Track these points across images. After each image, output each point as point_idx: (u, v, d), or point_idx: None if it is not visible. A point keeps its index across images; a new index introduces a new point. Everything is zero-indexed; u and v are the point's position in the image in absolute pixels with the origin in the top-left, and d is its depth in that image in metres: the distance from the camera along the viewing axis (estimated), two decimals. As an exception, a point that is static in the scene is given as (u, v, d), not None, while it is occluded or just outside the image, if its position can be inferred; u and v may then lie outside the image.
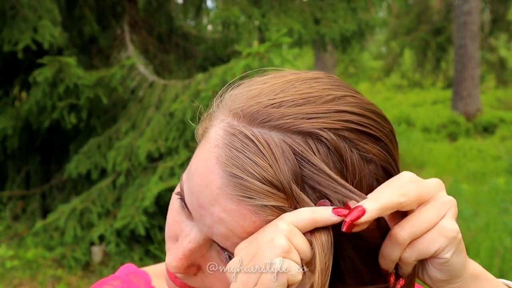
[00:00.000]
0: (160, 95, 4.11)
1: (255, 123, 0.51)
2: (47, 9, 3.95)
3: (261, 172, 0.49)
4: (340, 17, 5.14)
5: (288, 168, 0.49)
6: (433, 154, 8.03)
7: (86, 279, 3.90)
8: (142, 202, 3.68)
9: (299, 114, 0.51)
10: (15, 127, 4.34)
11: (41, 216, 4.61)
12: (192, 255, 0.55)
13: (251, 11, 4.72)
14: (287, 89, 0.54)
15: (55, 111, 4.01)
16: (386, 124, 0.57)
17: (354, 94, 0.56)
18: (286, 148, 0.50)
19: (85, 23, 4.76)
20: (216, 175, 0.51)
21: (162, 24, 5.48)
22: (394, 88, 16.17)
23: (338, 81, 0.58)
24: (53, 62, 3.72)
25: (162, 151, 3.77)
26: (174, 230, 0.58)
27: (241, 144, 0.50)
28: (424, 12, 15.67)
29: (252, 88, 0.56)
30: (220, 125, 0.54)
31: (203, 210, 0.52)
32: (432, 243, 0.50)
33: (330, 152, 0.51)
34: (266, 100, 0.53)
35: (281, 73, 0.59)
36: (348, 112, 0.53)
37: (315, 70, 0.61)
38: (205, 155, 0.53)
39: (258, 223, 0.50)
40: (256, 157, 0.49)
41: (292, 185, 0.49)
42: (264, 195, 0.49)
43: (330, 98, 0.54)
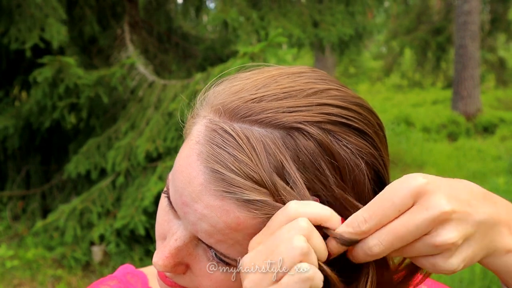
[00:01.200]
0: (160, 95, 4.11)
1: (235, 118, 0.51)
2: (53, 8, 3.96)
3: (241, 167, 0.49)
4: (338, 20, 5.15)
5: (269, 162, 0.49)
6: (433, 154, 8.03)
7: (86, 279, 3.90)
8: (142, 202, 3.68)
9: (280, 108, 0.51)
10: (16, 126, 4.35)
11: (41, 216, 4.62)
12: (179, 253, 0.55)
13: (250, 13, 4.73)
14: (269, 84, 0.54)
15: (56, 111, 4.01)
16: (372, 118, 0.56)
17: (338, 87, 0.55)
18: (266, 142, 0.49)
19: (86, 23, 4.76)
20: (198, 172, 0.51)
21: (162, 24, 5.49)
22: (394, 88, 16.17)
23: (324, 76, 0.57)
24: (53, 62, 3.72)
25: (160, 151, 3.78)
26: (162, 229, 0.58)
27: (221, 139, 0.50)
28: (424, 12, 15.67)
29: (234, 84, 0.56)
30: (202, 121, 0.54)
31: (186, 208, 0.52)
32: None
33: (314, 145, 0.50)
34: (247, 95, 0.53)
35: (266, 68, 0.59)
36: (330, 105, 0.52)
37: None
38: (187, 152, 0.53)
39: (242, 219, 0.50)
40: (237, 152, 0.49)
41: (274, 179, 0.49)
42: (246, 189, 0.49)
43: (312, 91, 0.53)
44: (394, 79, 17.07)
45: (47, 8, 3.93)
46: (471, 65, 10.10)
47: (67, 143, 4.77)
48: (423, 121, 10.26)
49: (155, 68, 4.84)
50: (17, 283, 3.85)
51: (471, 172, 6.98)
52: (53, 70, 3.73)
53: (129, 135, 4.03)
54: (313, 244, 0.46)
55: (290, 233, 0.46)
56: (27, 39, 3.88)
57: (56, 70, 3.75)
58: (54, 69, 3.74)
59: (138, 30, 5.08)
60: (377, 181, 0.55)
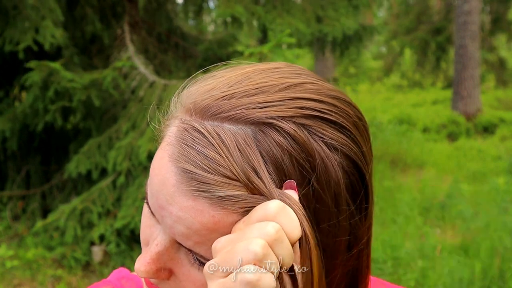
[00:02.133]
0: (161, 95, 4.11)
1: (206, 117, 0.51)
2: (50, 9, 3.95)
3: (211, 164, 0.48)
4: (342, 15, 5.14)
5: (241, 157, 0.48)
6: (433, 154, 8.03)
7: (86, 279, 3.90)
8: (142, 202, 3.68)
9: (250, 104, 0.50)
10: (12, 129, 4.34)
11: (41, 216, 4.62)
12: (160, 258, 0.54)
13: (254, 10, 4.72)
14: (242, 80, 0.53)
15: (48, 114, 4.00)
16: (351, 111, 0.55)
17: (314, 81, 0.54)
18: (237, 138, 0.49)
19: (88, 23, 4.76)
20: (170, 173, 0.50)
21: (162, 24, 5.49)
22: (394, 88, 16.17)
23: (299, 70, 0.56)
24: (41, 66, 3.71)
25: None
26: (145, 235, 0.57)
27: (191, 138, 0.50)
28: (424, 12, 15.68)
29: (207, 83, 0.55)
30: (174, 122, 0.53)
31: (163, 211, 0.51)
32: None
33: (287, 140, 0.49)
34: (218, 93, 0.52)
35: (241, 66, 0.58)
36: (304, 99, 0.51)
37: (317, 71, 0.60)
38: (160, 154, 0.53)
39: (217, 218, 0.48)
40: (206, 150, 0.48)
41: (247, 172, 0.48)
42: (218, 186, 0.48)
43: (285, 86, 0.52)
44: (394, 79, 17.07)
45: (44, 9, 3.92)
46: (471, 65, 10.10)
47: (67, 143, 4.77)
48: (423, 121, 10.26)
49: (155, 68, 4.84)
50: (17, 283, 3.85)
51: (471, 172, 6.98)
52: (42, 74, 3.72)
53: (130, 135, 4.03)
54: (275, 251, 0.45)
55: (254, 234, 0.45)
56: (21, 40, 3.87)
57: (46, 74, 3.74)
58: (43, 73, 3.73)
59: (138, 30, 5.08)
60: (356, 174, 0.54)
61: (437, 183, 6.29)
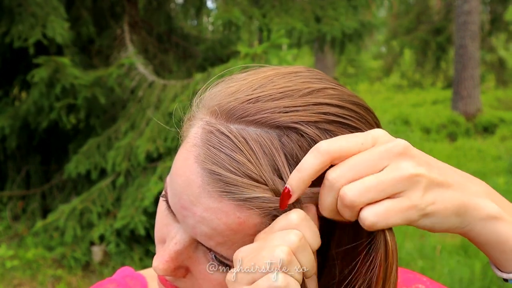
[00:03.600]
0: (160, 95, 4.11)
1: (232, 120, 0.51)
2: (53, 7, 3.96)
3: (239, 167, 0.49)
4: (341, 14, 5.14)
5: (267, 160, 0.49)
6: (433, 154, 7.97)
7: (86, 279, 3.90)
8: (142, 202, 3.68)
9: (276, 108, 0.51)
10: (12, 127, 4.34)
11: (41, 216, 4.62)
12: (179, 257, 0.55)
13: (252, 12, 4.72)
14: (265, 84, 0.54)
15: (53, 112, 4.00)
16: (369, 117, 0.56)
17: (334, 86, 0.55)
18: (263, 141, 0.49)
19: (82, 25, 4.75)
20: (195, 174, 0.51)
21: (162, 24, 5.49)
22: (394, 88, 16.17)
23: (320, 75, 0.57)
24: (49, 62, 3.72)
25: (161, 151, 3.77)
26: (161, 233, 0.58)
27: (218, 141, 0.50)
28: (424, 12, 15.68)
29: (230, 85, 0.56)
30: (198, 124, 0.54)
31: (185, 211, 0.52)
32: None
33: (311, 145, 0.50)
34: (243, 96, 0.52)
35: (261, 69, 0.59)
36: (327, 104, 0.52)
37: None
38: (184, 155, 0.53)
39: (243, 219, 0.49)
40: (233, 153, 0.49)
41: (272, 176, 0.49)
42: (245, 187, 0.49)
43: (309, 91, 0.53)
44: (394, 79, 17.07)
45: (48, 7, 3.93)
46: (471, 65, 10.10)
47: (67, 143, 4.77)
48: (423, 121, 10.26)
49: (155, 68, 4.84)
50: (17, 283, 3.85)
51: (471, 172, 6.97)
52: (49, 70, 3.73)
53: (129, 135, 4.03)
54: (299, 259, 0.46)
55: (278, 241, 0.46)
56: (30, 36, 3.88)
57: (53, 70, 3.75)
58: (50, 69, 3.73)
59: (138, 30, 5.08)
60: None
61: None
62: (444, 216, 0.48)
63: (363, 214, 0.46)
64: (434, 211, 0.48)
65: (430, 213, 0.47)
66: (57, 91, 3.81)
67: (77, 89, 3.88)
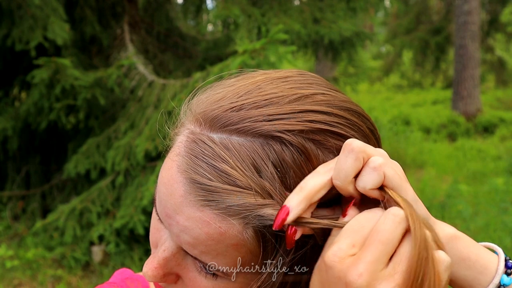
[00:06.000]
0: (159, 95, 4.11)
1: (215, 129, 0.51)
2: (53, 8, 3.96)
3: (220, 175, 0.48)
4: (340, 17, 5.13)
5: (249, 167, 0.48)
6: (433, 154, 8.02)
7: (86, 279, 3.90)
8: (141, 201, 3.68)
9: (259, 117, 0.50)
10: (14, 128, 4.35)
11: (41, 216, 4.62)
12: (167, 263, 0.55)
13: (251, 11, 4.72)
14: (252, 90, 0.53)
15: (52, 112, 4.00)
16: (362, 122, 0.54)
17: (326, 91, 0.54)
18: (245, 150, 0.49)
19: (86, 24, 4.76)
20: (178, 183, 0.51)
21: (162, 24, 5.49)
22: (394, 88, 16.17)
23: (312, 79, 0.56)
24: (49, 63, 3.72)
25: (160, 149, 3.77)
26: (154, 237, 0.58)
27: (200, 150, 0.50)
28: (423, 12, 15.68)
29: (217, 91, 0.55)
30: (184, 132, 0.54)
31: (170, 219, 0.52)
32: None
33: (295, 155, 0.49)
34: (227, 104, 0.52)
35: (251, 74, 0.58)
36: (314, 112, 0.51)
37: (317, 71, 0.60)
38: (168, 164, 0.53)
39: (224, 228, 0.49)
40: (215, 162, 0.49)
41: (255, 181, 0.48)
42: (227, 194, 0.48)
43: (295, 97, 0.51)
44: (394, 79, 17.06)
45: (47, 9, 3.93)
46: (471, 65, 10.09)
47: (67, 143, 4.77)
48: (423, 121, 10.26)
49: (155, 68, 4.84)
50: (17, 283, 3.85)
51: (471, 172, 6.98)
52: (49, 71, 3.73)
53: (128, 135, 4.03)
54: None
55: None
56: (31, 38, 3.88)
57: (53, 71, 3.75)
58: (51, 70, 3.73)
59: (138, 30, 5.08)
60: None
61: (437, 183, 6.29)
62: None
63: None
64: None
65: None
66: (57, 92, 3.81)
67: (77, 90, 3.88)
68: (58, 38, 3.82)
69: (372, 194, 0.48)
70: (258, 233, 0.50)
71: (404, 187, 0.48)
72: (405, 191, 0.48)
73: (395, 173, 0.48)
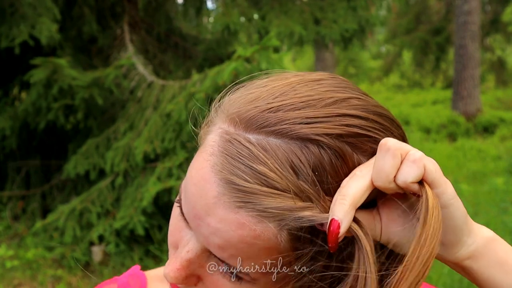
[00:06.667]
0: (158, 96, 4.11)
1: (251, 129, 0.50)
2: (46, 8, 3.95)
3: (259, 177, 0.47)
4: (340, 16, 5.12)
5: (287, 170, 0.48)
6: (433, 154, 8.03)
7: (86, 279, 3.90)
8: (141, 202, 3.68)
9: (297, 119, 0.49)
10: (13, 127, 4.34)
11: (41, 216, 4.62)
12: (190, 265, 0.54)
13: (251, 14, 4.72)
14: (287, 92, 0.52)
15: (50, 112, 4.00)
16: (395, 129, 0.54)
17: (359, 96, 0.54)
18: (283, 154, 0.48)
19: (85, 23, 4.75)
20: (211, 184, 0.49)
21: (162, 24, 5.49)
22: (394, 88, 16.18)
23: (344, 83, 0.55)
24: (46, 63, 3.71)
25: (158, 152, 3.77)
26: (175, 237, 0.57)
27: (236, 151, 0.49)
28: (423, 12, 15.68)
29: (251, 91, 0.54)
30: (216, 131, 0.52)
31: (199, 220, 0.51)
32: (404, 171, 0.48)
33: (333, 158, 0.49)
34: (264, 105, 0.51)
35: (283, 75, 0.57)
36: (350, 116, 0.51)
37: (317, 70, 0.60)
38: (201, 164, 0.52)
39: (258, 232, 0.48)
40: (253, 163, 0.48)
41: (294, 182, 0.48)
42: (264, 197, 0.47)
43: (332, 101, 0.51)
44: (394, 79, 17.07)
45: (41, 8, 3.91)
46: (471, 65, 10.09)
47: (67, 143, 4.77)
48: (423, 121, 10.26)
49: (155, 68, 4.84)
50: (17, 283, 3.85)
51: (471, 172, 6.98)
52: (46, 71, 3.72)
53: (128, 136, 4.02)
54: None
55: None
56: (17, 36, 3.85)
57: (50, 71, 3.74)
58: (48, 70, 3.72)
59: (138, 30, 5.08)
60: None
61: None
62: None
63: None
64: None
65: None
66: (54, 92, 3.80)
67: (75, 90, 3.87)
68: (43, 38, 3.79)
69: (413, 189, 0.48)
70: (293, 235, 0.49)
71: (443, 181, 0.48)
72: (445, 185, 0.49)
73: (435, 167, 0.48)
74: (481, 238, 0.52)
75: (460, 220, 0.50)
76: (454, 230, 0.50)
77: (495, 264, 0.51)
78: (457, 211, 0.50)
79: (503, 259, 0.52)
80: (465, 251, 0.51)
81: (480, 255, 0.52)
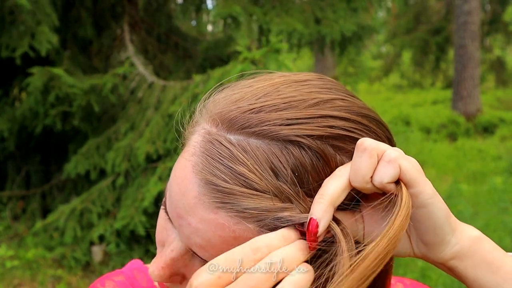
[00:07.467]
0: (159, 96, 4.11)
1: (232, 130, 0.50)
2: (45, 14, 3.93)
3: (238, 177, 0.48)
4: (341, 17, 5.13)
5: (267, 170, 0.48)
6: (433, 154, 8.03)
7: (86, 279, 3.90)
8: (142, 202, 3.68)
9: (278, 120, 0.49)
10: (11, 129, 4.34)
11: (41, 216, 4.62)
12: (174, 264, 0.54)
13: (252, 10, 4.71)
14: (270, 93, 0.52)
15: (48, 118, 4.00)
16: (380, 130, 0.54)
17: (344, 97, 0.53)
18: (263, 154, 0.48)
19: (80, 26, 4.72)
20: (193, 184, 0.50)
21: (162, 24, 5.49)
22: (394, 88, 16.18)
23: (330, 84, 0.55)
24: (43, 72, 3.71)
25: (160, 152, 3.77)
26: (161, 236, 0.57)
27: (217, 151, 0.49)
28: (423, 12, 15.69)
29: (235, 92, 0.54)
30: (200, 132, 0.53)
31: (181, 220, 0.51)
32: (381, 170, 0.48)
33: (314, 160, 0.49)
34: (246, 105, 0.51)
35: (269, 75, 0.57)
36: (333, 117, 0.50)
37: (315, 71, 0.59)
38: (183, 164, 0.52)
39: (238, 232, 0.48)
40: (232, 163, 0.48)
41: (273, 183, 0.48)
42: (244, 197, 0.47)
43: (315, 102, 0.51)
44: (394, 79, 17.08)
45: (40, 14, 3.90)
46: (471, 65, 10.10)
47: (67, 143, 4.77)
48: (423, 121, 10.27)
49: (155, 68, 4.84)
50: (17, 283, 3.85)
51: (471, 172, 6.98)
52: (43, 78, 3.72)
53: (128, 136, 4.02)
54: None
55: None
56: (18, 46, 3.85)
57: (47, 78, 3.74)
58: (45, 77, 3.72)
59: (138, 30, 5.08)
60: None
61: (437, 183, 6.29)
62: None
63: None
64: None
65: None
66: (51, 98, 3.80)
67: (72, 97, 3.86)
68: (43, 49, 3.79)
69: (390, 189, 0.48)
70: None
71: (421, 180, 0.48)
72: (423, 184, 0.48)
73: (412, 166, 0.48)
74: (466, 237, 0.51)
75: (441, 220, 0.50)
76: (434, 229, 0.50)
77: (481, 264, 0.51)
78: (437, 210, 0.49)
79: (489, 259, 0.51)
80: (450, 251, 0.51)
81: (465, 255, 0.51)
